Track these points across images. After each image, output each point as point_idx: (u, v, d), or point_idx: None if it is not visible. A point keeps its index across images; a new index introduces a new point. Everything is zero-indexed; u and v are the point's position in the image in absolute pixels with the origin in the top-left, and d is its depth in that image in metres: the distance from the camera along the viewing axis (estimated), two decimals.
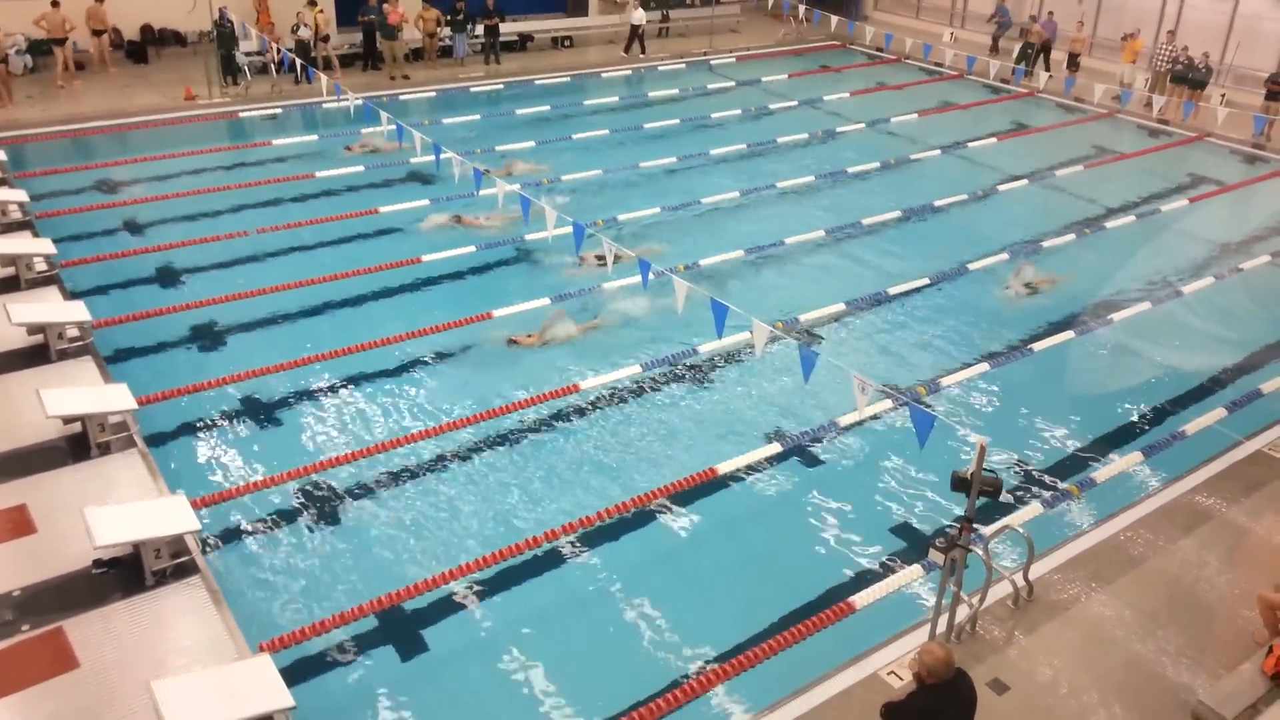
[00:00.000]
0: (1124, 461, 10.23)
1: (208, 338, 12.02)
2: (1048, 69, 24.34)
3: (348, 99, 16.64)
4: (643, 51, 25.89)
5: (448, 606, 8.13)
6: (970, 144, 20.61)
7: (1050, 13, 24.73)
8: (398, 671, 7.54)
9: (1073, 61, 24.50)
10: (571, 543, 8.85)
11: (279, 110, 20.72)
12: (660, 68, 25.77)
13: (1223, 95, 21.77)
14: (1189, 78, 22.43)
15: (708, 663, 7.60)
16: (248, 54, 21.54)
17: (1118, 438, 10.81)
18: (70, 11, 20.23)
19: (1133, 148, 21.13)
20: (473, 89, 22.98)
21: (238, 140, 19.24)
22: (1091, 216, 17.03)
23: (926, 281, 14.11)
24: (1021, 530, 8.00)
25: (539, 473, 9.86)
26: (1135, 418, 11.26)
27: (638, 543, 8.97)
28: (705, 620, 8.08)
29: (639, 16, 25.65)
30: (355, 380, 11.18)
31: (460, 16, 23.88)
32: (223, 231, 14.59)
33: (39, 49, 21.30)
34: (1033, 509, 9.41)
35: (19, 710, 6.52)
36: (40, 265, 12.30)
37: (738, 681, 7.33)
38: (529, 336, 11.89)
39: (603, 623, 8.08)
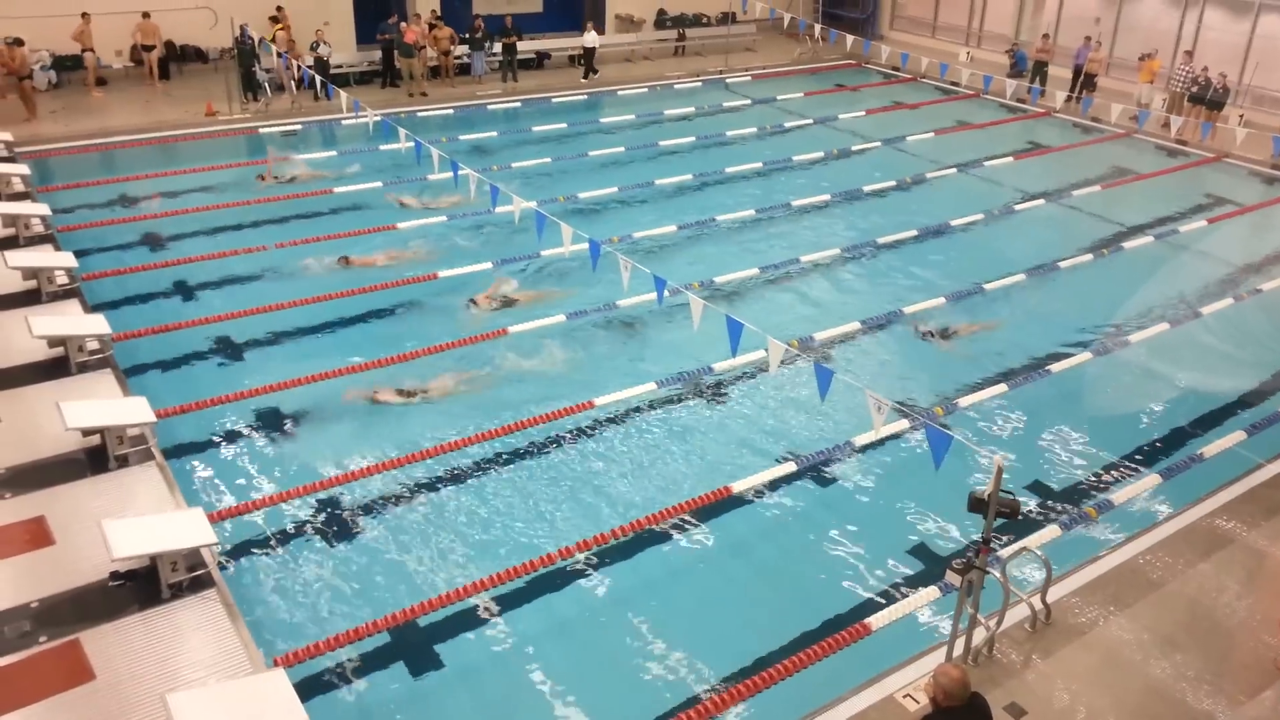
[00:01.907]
0: (1142, 484, 10.16)
1: (227, 352, 12.10)
2: (1072, 90, 24.30)
3: (366, 116, 16.77)
4: (594, 73, 25.47)
5: (462, 623, 8.12)
6: (986, 163, 20.59)
7: (1087, 38, 24.67)
8: (411, 687, 7.53)
9: (1090, 81, 24.49)
10: (585, 560, 8.83)
11: (298, 126, 20.91)
12: (676, 86, 25.88)
13: (1241, 116, 21.70)
14: (1207, 98, 22.39)
15: (721, 683, 7.55)
16: (268, 70, 21.78)
17: (1136, 460, 10.74)
18: (119, 26, 20.59)
19: (1150, 168, 21.06)
20: (490, 106, 23.14)
21: (257, 156, 19.40)
22: (1108, 236, 16.97)
23: (942, 301, 14.08)
24: (1039, 552, 7.94)
25: (553, 489, 9.86)
26: (1153, 440, 11.17)
27: (651, 561, 8.95)
28: (719, 640, 8.05)
29: (592, 39, 25.28)
30: (372, 396, 11.20)
31: (479, 35, 24.08)
32: (241, 246, 14.70)
33: (64, 65, 21.65)
34: (1051, 531, 9.35)
35: None
36: (61, 278, 12.42)
37: (752, 703, 7.29)
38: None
39: (616, 641, 8.05)
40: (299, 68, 20.14)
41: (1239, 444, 10.88)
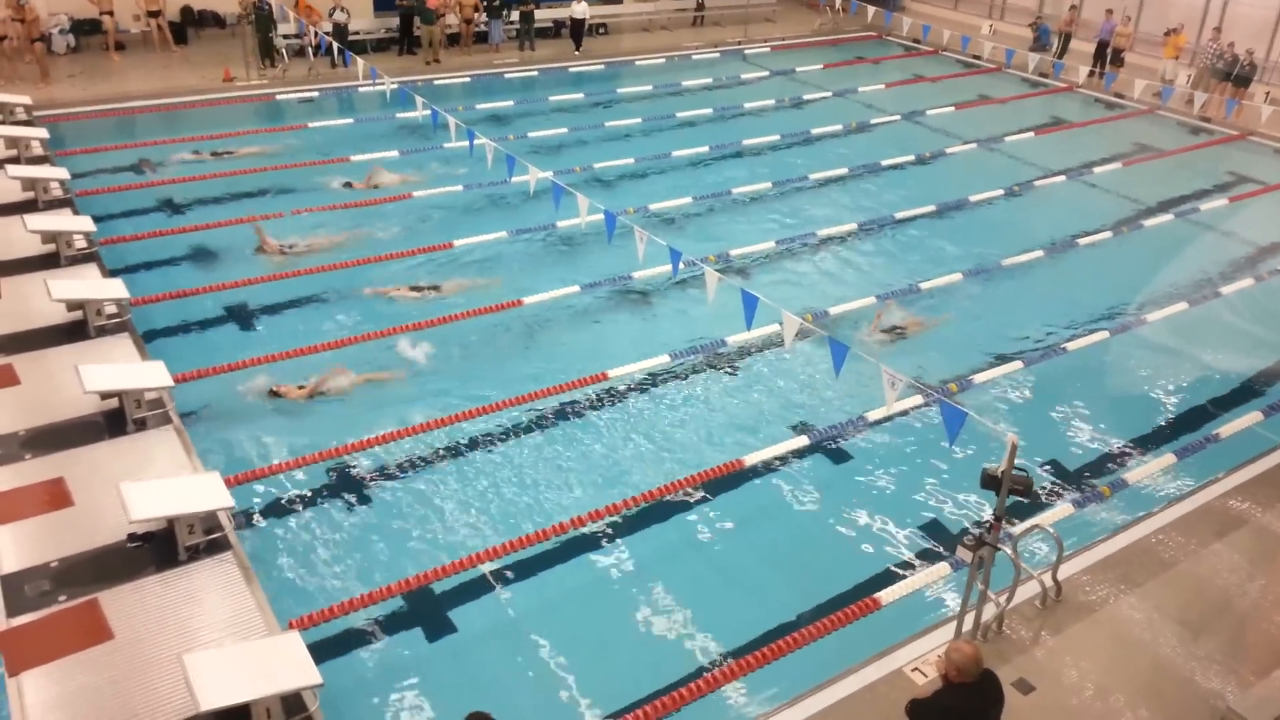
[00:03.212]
0: (1157, 463, 10.12)
1: (244, 317, 12.15)
2: (1096, 65, 23.99)
3: (383, 83, 16.70)
4: (577, 48, 24.76)
5: (475, 589, 8.20)
6: (1007, 139, 20.38)
7: (1109, 11, 24.32)
8: (424, 652, 7.62)
9: (1117, 57, 24.15)
10: (598, 530, 8.88)
11: (315, 93, 20.86)
12: (694, 56, 25.66)
13: (1267, 93, 21.37)
14: (1233, 74, 22.05)
15: (732, 653, 7.61)
16: (285, 36, 21.71)
17: (1151, 439, 10.70)
18: None
19: (1173, 145, 20.79)
20: (507, 75, 23.02)
21: (275, 122, 19.38)
22: (1129, 214, 16.81)
23: (959, 277, 14.00)
24: (1051, 530, 7.94)
25: (566, 459, 9.91)
26: (1169, 419, 11.12)
27: (664, 532, 9.00)
28: (730, 611, 8.10)
29: (582, 10, 24.47)
30: (388, 362, 11.25)
31: (496, 2, 23.91)
32: (259, 213, 14.72)
33: (82, 29, 21.63)
34: (1063, 508, 9.34)
35: (55, 679, 6.65)
36: (80, 242, 12.47)
37: (762, 673, 7.34)
38: (299, 388, 10.53)
39: (627, 610, 8.11)
40: (316, 33, 20.06)
41: (1256, 424, 10.82)
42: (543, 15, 25.25)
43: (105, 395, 9.33)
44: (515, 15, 24.40)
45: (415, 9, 22.82)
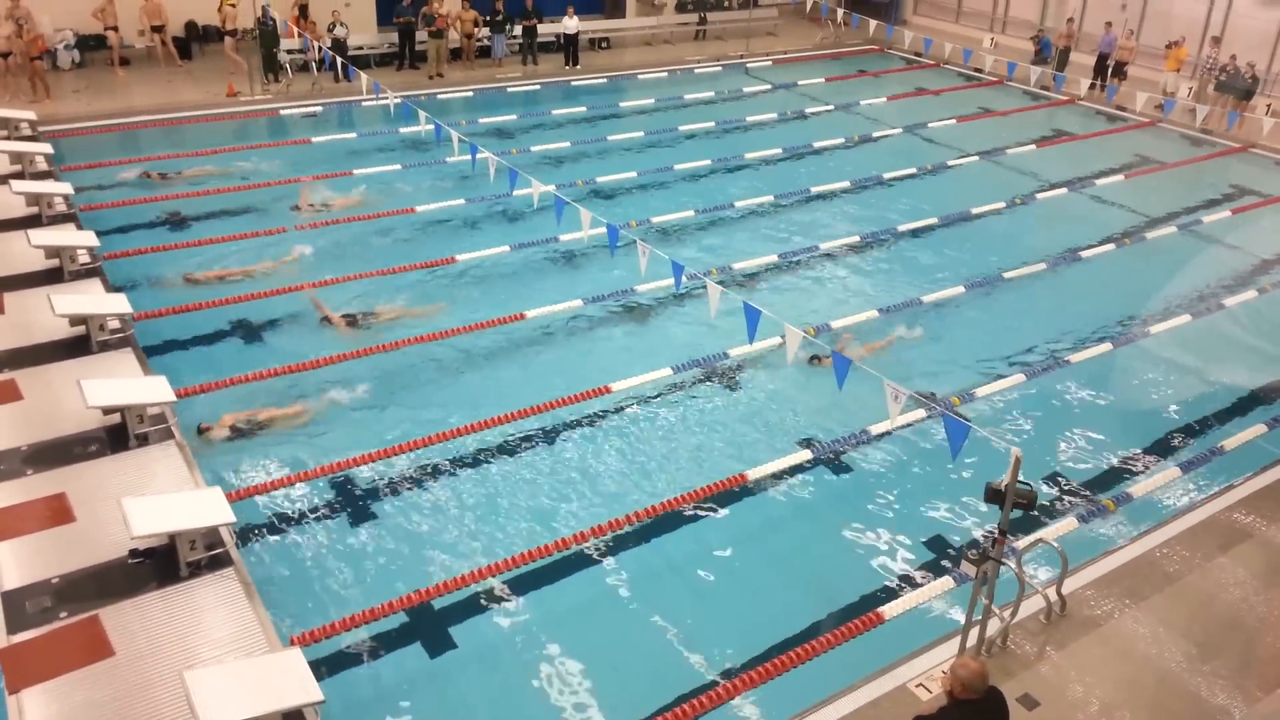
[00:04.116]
0: (1161, 476, 10.09)
1: (247, 333, 12.16)
2: (1097, 78, 24.05)
3: (387, 98, 16.78)
4: (575, 63, 24.76)
5: (477, 605, 8.18)
6: (1009, 151, 20.40)
7: (1108, 24, 24.40)
8: (426, 668, 7.60)
9: (1120, 70, 24.19)
10: (600, 545, 8.86)
11: (319, 108, 20.93)
12: (696, 70, 25.75)
13: (1268, 106, 21.38)
14: (1235, 87, 22.07)
15: (735, 669, 7.57)
16: (289, 52, 21.81)
17: (1155, 452, 10.66)
18: (127, 6, 20.74)
19: (1175, 158, 20.80)
20: (510, 89, 23.09)
21: (278, 137, 19.44)
22: (1131, 226, 16.81)
23: (961, 290, 13.99)
24: (1055, 544, 7.91)
25: (568, 474, 9.88)
26: (1173, 432, 11.08)
27: (666, 547, 8.96)
28: (733, 626, 8.07)
29: (573, 25, 24.45)
30: (390, 377, 11.25)
31: (499, 17, 24.02)
32: (262, 228, 14.75)
33: (87, 44, 21.75)
34: (1067, 523, 9.30)
35: (56, 696, 6.62)
36: (83, 257, 12.48)
37: (765, 689, 7.31)
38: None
39: (630, 626, 8.08)
40: (319, 49, 20.15)
41: (1260, 437, 10.79)
42: (545, 30, 25.34)
43: (107, 410, 9.32)
44: (518, 30, 24.49)
45: (428, 20, 22.86)
